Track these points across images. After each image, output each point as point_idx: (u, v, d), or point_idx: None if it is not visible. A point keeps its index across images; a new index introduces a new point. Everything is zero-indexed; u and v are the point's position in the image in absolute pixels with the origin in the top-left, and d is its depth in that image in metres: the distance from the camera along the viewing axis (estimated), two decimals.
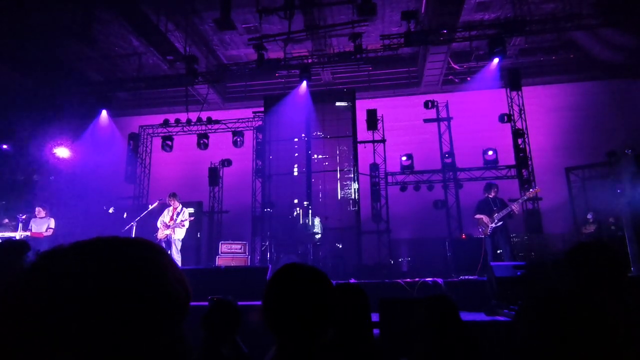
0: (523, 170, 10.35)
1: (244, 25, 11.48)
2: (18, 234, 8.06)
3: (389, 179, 11.44)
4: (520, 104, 10.97)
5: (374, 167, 11.30)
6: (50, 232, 8.26)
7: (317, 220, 9.50)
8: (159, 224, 7.94)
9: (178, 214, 7.84)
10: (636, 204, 6.12)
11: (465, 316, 4.86)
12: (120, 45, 12.18)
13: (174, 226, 7.74)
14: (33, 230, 8.17)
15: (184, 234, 8.00)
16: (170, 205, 8.04)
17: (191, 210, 8.57)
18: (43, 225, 8.28)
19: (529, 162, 10.44)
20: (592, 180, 10.92)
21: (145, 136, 13.23)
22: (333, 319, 1.16)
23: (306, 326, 1.11)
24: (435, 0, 9.75)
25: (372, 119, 11.17)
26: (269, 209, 10.99)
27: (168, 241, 7.76)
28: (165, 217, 7.94)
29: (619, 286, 1.71)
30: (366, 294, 1.85)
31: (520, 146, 10.55)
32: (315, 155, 11.60)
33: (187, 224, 7.91)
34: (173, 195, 8.06)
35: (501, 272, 5.26)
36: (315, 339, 1.12)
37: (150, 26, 10.41)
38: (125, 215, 8.72)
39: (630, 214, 6.20)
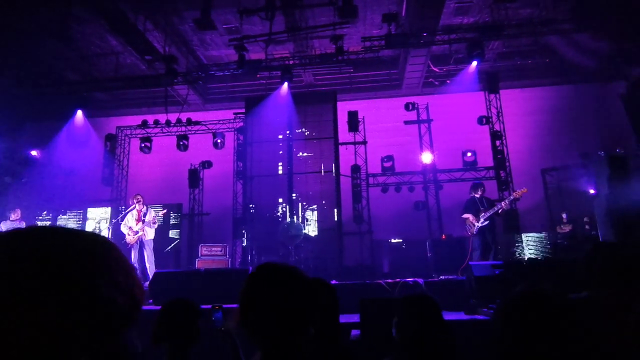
0: (501, 172, 10.55)
1: (224, 26, 11.38)
2: None
3: (370, 180, 11.50)
4: (498, 107, 11.19)
5: (355, 168, 11.33)
6: None
7: (310, 214, 9.46)
8: (124, 229, 7.71)
9: (145, 214, 7.69)
10: (608, 204, 6.30)
11: (445, 315, 4.91)
12: (97, 44, 11.91)
13: (143, 227, 7.60)
14: None
15: (154, 234, 7.88)
16: (134, 208, 7.84)
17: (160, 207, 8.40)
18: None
19: (507, 164, 10.65)
20: (567, 181, 11.20)
21: (123, 137, 12.96)
22: (312, 316, 1.13)
23: (286, 327, 1.07)
24: (415, 4, 9.85)
25: (354, 121, 11.21)
26: (251, 210, 10.90)
27: (141, 243, 7.61)
28: (130, 220, 7.75)
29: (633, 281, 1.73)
30: (334, 289, 1.81)
31: (498, 148, 10.75)
32: (301, 153, 11.59)
33: (156, 224, 7.80)
34: (138, 197, 7.90)
35: (480, 271, 5.33)
36: (297, 341, 1.09)
37: (128, 25, 10.22)
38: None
39: (603, 213, 6.38)
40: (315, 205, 10.62)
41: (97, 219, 11.39)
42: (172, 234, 11.41)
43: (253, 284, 1.13)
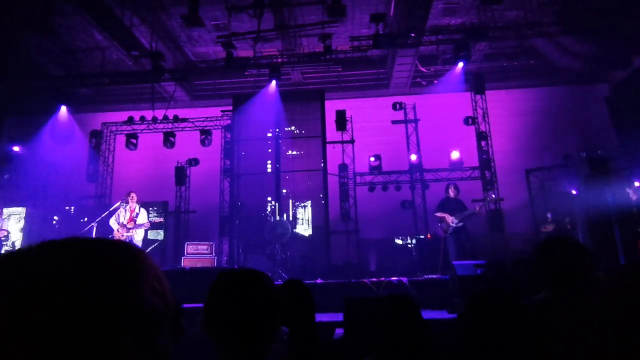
0: (486, 172, 10.69)
1: (212, 22, 11.30)
2: None
3: (358, 179, 11.55)
4: (484, 107, 11.32)
5: (343, 167, 11.37)
6: (3, 234, 7.89)
7: (302, 212, 9.45)
8: (113, 225, 7.58)
9: (137, 214, 7.60)
10: (588, 205, 6.43)
11: (428, 314, 4.98)
12: (82, 39, 11.73)
13: (135, 227, 7.50)
14: None
15: (143, 234, 7.80)
16: (127, 205, 7.72)
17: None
18: None
19: (492, 164, 10.79)
20: (550, 182, 11.39)
21: (108, 134, 12.79)
22: (280, 320, 1.14)
23: (248, 335, 1.08)
24: (403, 4, 9.91)
25: (341, 120, 11.24)
26: (238, 208, 10.86)
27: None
28: (122, 217, 7.64)
29: (587, 279, 1.74)
30: (308, 289, 1.82)
31: (484, 148, 10.90)
32: (290, 152, 11.60)
33: (147, 225, 7.69)
34: (132, 194, 7.77)
35: (463, 270, 5.41)
36: (261, 348, 1.10)
37: (114, 20, 10.08)
38: (85, 219, 8.27)
39: (583, 214, 6.51)
40: (310, 202, 10.58)
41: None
42: (152, 235, 10.92)
43: (214, 293, 1.14)
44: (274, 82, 11.10)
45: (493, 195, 7.89)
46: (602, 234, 6.38)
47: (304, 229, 10.37)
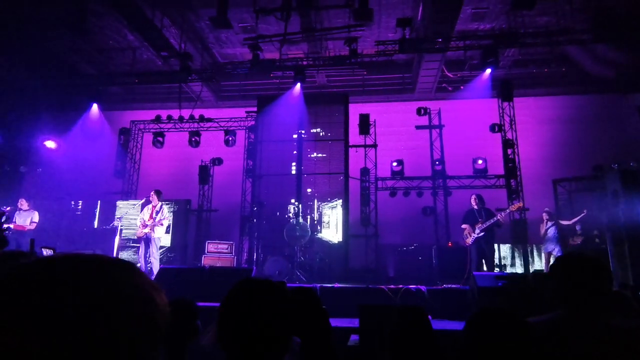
0: (511, 180, 10.45)
1: (240, 25, 11.46)
2: None
3: (379, 183, 11.48)
4: (511, 115, 11.08)
5: (365, 171, 11.32)
6: (34, 226, 8.18)
7: (328, 213, 9.43)
8: (138, 222, 7.88)
9: (157, 212, 7.77)
10: (618, 219, 6.21)
11: (446, 324, 4.90)
12: (114, 39, 12.09)
13: (152, 225, 7.68)
14: (17, 223, 8.08)
15: (164, 232, 7.97)
16: (150, 203, 7.97)
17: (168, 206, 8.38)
18: (27, 218, 8.20)
19: (518, 173, 10.54)
20: (578, 193, 11.04)
21: (136, 131, 13.13)
22: (289, 335, 1.14)
23: (265, 345, 1.08)
24: (431, 9, 9.79)
25: (365, 124, 11.20)
26: (259, 208, 10.96)
27: (147, 239, 7.69)
28: (145, 215, 7.87)
29: (600, 300, 1.69)
30: (319, 298, 1.81)
31: (510, 156, 10.65)
32: (315, 154, 11.65)
33: (165, 222, 7.85)
34: (156, 193, 8.00)
35: (484, 282, 5.31)
36: (276, 358, 1.10)
37: (146, 21, 10.35)
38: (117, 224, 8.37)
39: (611, 229, 6.29)
40: (339, 202, 10.47)
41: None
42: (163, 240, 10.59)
43: (229, 303, 1.15)
44: (298, 85, 11.17)
45: (519, 204, 7.70)
46: (632, 249, 6.15)
47: (331, 234, 10.28)
